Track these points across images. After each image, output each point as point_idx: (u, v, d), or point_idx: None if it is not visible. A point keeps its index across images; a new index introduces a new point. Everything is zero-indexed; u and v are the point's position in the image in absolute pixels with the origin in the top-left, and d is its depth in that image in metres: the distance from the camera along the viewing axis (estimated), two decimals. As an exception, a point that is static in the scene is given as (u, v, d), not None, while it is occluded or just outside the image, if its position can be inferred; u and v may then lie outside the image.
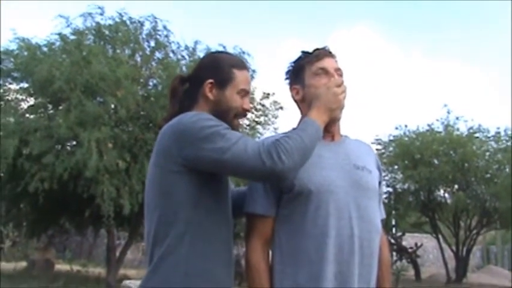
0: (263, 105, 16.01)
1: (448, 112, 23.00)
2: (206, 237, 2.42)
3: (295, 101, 2.71)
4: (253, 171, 2.31)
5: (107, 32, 14.80)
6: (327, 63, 2.62)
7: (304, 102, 2.65)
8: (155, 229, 2.46)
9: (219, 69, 2.65)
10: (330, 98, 2.48)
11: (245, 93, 2.66)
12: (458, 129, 22.56)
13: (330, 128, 2.61)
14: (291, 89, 2.72)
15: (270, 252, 2.56)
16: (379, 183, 2.73)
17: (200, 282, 2.37)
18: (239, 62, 2.75)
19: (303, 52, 2.71)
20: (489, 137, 22.18)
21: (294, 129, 2.44)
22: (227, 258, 2.51)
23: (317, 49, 2.69)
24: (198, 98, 2.65)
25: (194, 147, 2.35)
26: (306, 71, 2.64)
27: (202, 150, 2.34)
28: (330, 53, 2.69)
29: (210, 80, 2.61)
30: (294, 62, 2.73)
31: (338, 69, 2.64)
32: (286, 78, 2.76)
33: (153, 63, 14.86)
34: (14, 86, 14.34)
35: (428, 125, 23.17)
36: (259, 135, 15.79)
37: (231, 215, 2.61)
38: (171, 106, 2.73)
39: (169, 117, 2.62)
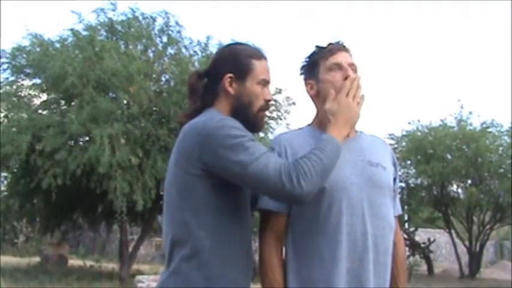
0: (275, 101, 15.99)
1: (461, 107, 23.03)
2: (225, 242, 2.41)
3: (310, 95, 2.68)
4: (271, 191, 2.30)
5: (119, 28, 14.86)
6: (340, 58, 2.59)
7: (318, 97, 2.62)
8: (175, 230, 2.45)
9: (237, 61, 2.58)
10: (344, 111, 2.45)
11: (265, 83, 2.61)
12: (471, 124, 22.54)
13: (345, 123, 2.58)
14: (306, 84, 2.69)
15: (284, 248, 2.55)
16: (395, 179, 2.70)
17: (220, 285, 2.37)
18: (257, 52, 2.68)
19: (317, 47, 2.68)
20: (502, 132, 22.09)
21: (313, 148, 2.38)
22: (246, 261, 2.51)
23: (331, 43, 2.66)
24: (218, 93, 2.59)
25: (215, 155, 2.32)
26: (320, 66, 2.61)
27: (223, 160, 2.31)
28: (344, 47, 2.65)
29: (230, 74, 2.55)
30: (308, 57, 2.70)
31: (352, 64, 2.60)
32: (301, 73, 2.73)
33: (166, 58, 14.89)
34: (26, 82, 14.45)
35: (441, 120, 23.18)
36: (271, 130, 15.80)
37: (249, 219, 2.60)
38: (192, 103, 2.65)
39: (191, 113, 2.58)
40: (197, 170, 2.37)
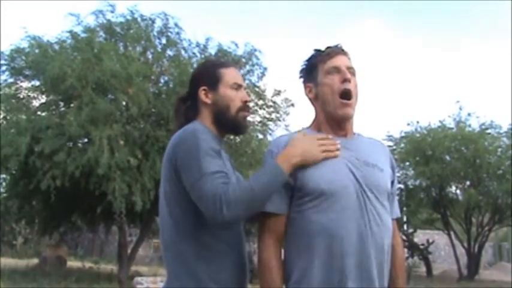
0: (274, 102, 16.03)
1: (460, 108, 22.99)
2: (210, 245, 2.52)
3: (309, 98, 2.71)
4: (205, 211, 2.38)
5: (118, 30, 14.86)
6: (339, 61, 2.61)
7: (317, 100, 2.65)
8: (164, 234, 2.61)
9: (206, 74, 2.81)
10: (307, 144, 2.49)
11: (238, 86, 2.78)
12: (470, 126, 22.56)
13: (343, 125, 2.61)
14: (305, 87, 2.72)
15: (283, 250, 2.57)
16: (392, 182, 2.72)
17: (211, 284, 2.47)
18: (224, 62, 2.97)
19: (316, 50, 2.71)
20: (501, 133, 22.11)
21: (252, 176, 2.48)
22: (235, 259, 2.59)
23: (329, 47, 2.69)
24: (199, 107, 2.78)
25: (178, 163, 2.49)
26: (319, 69, 2.63)
27: (182, 168, 2.47)
28: (343, 50, 2.68)
29: (203, 87, 2.76)
30: (307, 60, 2.73)
31: (350, 68, 2.63)
32: (300, 77, 2.76)
33: (165, 60, 14.88)
34: (25, 84, 14.43)
35: (440, 121, 23.19)
36: (270, 131, 15.83)
37: None
38: (177, 120, 2.83)
39: (176, 129, 2.72)
40: (174, 174, 2.51)
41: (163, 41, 15.18)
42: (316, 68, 2.65)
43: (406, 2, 72.99)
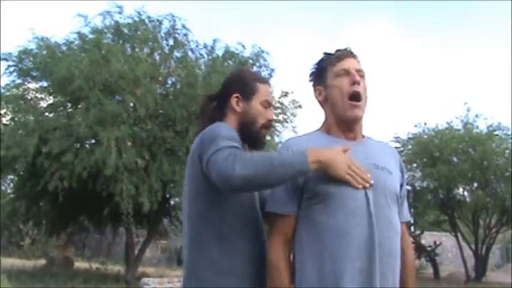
0: (281, 104, 16.02)
1: (468, 110, 22.89)
2: (231, 237, 2.54)
3: (319, 101, 2.73)
4: (216, 174, 2.36)
5: (125, 31, 14.90)
6: (348, 64, 2.63)
7: (326, 103, 2.67)
8: (186, 230, 2.63)
9: (244, 83, 2.85)
10: (341, 160, 2.43)
11: (268, 104, 2.85)
12: (477, 127, 22.45)
13: (353, 128, 2.62)
14: (314, 90, 2.74)
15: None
16: (401, 185, 2.74)
17: (229, 280, 2.50)
18: (261, 77, 3.03)
19: (325, 53, 2.73)
20: (509, 135, 22.02)
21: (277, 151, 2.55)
22: (254, 256, 2.60)
23: (339, 50, 2.71)
24: (226, 112, 2.82)
25: (201, 148, 2.51)
26: (328, 72, 2.65)
27: (203, 150, 2.49)
28: (352, 53, 2.70)
29: (236, 94, 2.80)
30: (317, 64, 2.75)
31: (359, 70, 2.64)
32: (310, 80, 2.78)
33: (172, 61, 14.90)
34: (33, 85, 14.47)
35: (448, 123, 23.11)
36: (277, 133, 15.83)
37: (257, 213, 2.71)
38: (202, 121, 2.84)
39: (200, 131, 2.72)
40: (199, 170, 2.52)
41: (171, 42, 15.22)
42: (325, 70, 2.67)
43: (410, 2, 72.81)
